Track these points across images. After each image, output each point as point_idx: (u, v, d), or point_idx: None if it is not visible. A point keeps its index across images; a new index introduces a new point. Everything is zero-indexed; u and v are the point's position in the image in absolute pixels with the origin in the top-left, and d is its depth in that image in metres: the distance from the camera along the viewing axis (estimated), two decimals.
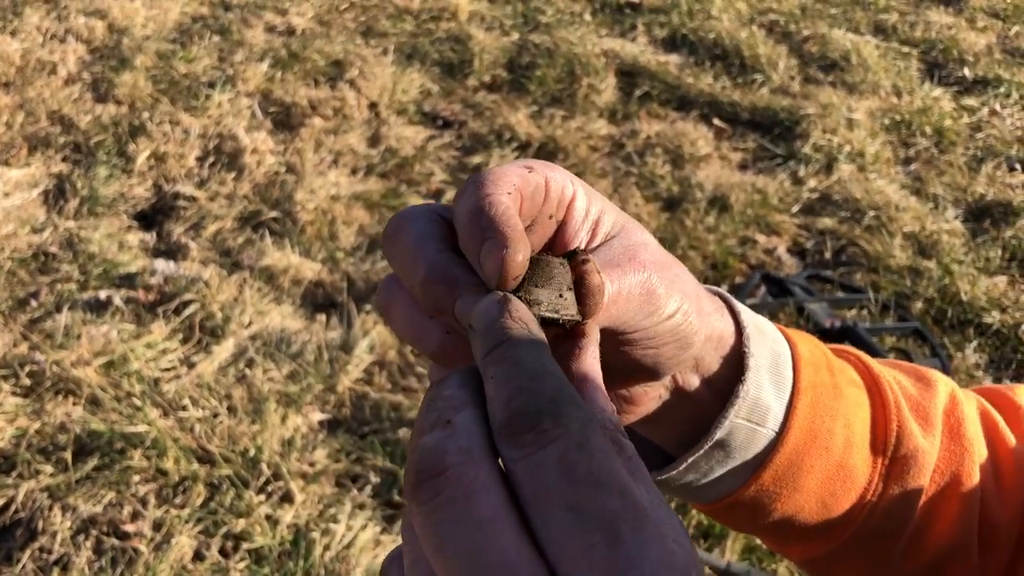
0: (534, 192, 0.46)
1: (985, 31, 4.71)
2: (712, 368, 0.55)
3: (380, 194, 3.36)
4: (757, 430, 0.56)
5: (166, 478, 2.23)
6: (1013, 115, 4.04)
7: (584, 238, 0.49)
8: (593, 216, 0.49)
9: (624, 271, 0.47)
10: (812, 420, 0.57)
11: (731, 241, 3.20)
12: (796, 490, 0.58)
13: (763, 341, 0.57)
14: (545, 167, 0.48)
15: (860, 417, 0.59)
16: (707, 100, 3.98)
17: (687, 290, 0.50)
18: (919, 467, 0.60)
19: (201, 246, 3.05)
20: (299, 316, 2.75)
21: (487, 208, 0.43)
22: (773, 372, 0.56)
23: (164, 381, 2.49)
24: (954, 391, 0.65)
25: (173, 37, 4.29)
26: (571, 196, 0.49)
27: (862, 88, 4.12)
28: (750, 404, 0.55)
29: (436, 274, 0.43)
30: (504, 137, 3.69)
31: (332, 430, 2.41)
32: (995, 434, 0.65)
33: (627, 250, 0.48)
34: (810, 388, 0.57)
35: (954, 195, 3.52)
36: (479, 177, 0.45)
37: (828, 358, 0.60)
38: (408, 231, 0.45)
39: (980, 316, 2.94)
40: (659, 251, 0.50)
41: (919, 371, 0.66)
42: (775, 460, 0.56)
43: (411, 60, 4.21)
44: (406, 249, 0.45)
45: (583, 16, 4.67)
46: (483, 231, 0.42)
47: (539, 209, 0.47)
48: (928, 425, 0.61)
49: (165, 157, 3.45)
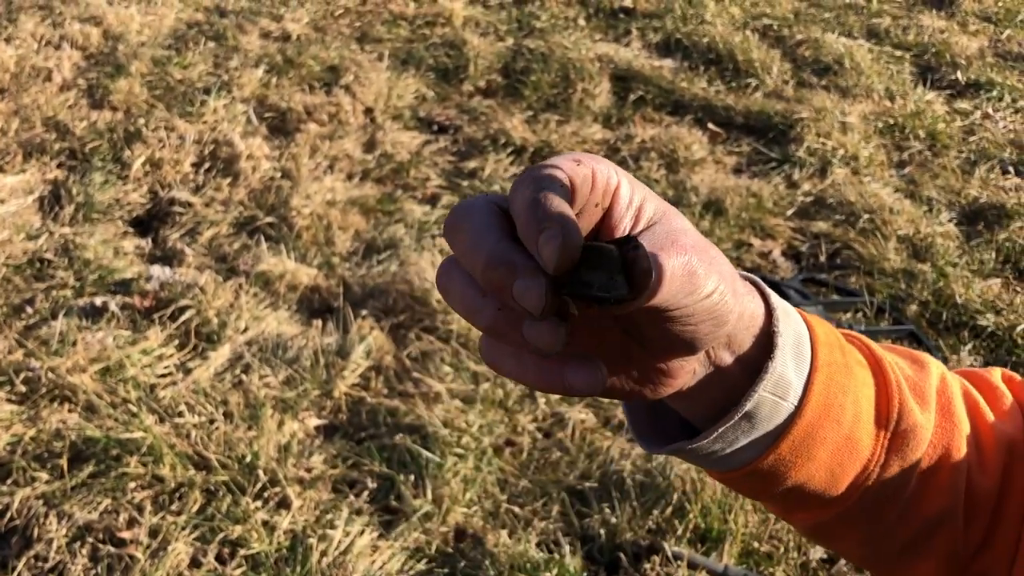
0: (582, 183, 0.51)
1: (977, 35, 4.73)
2: (744, 346, 0.60)
3: (376, 199, 3.36)
4: (780, 403, 0.61)
5: (162, 484, 2.22)
6: (1005, 118, 4.06)
7: (628, 224, 0.54)
8: (636, 204, 0.54)
9: (668, 254, 0.51)
10: (826, 395, 0.62)
11: (726, 245, 3.21)
12: (809, 460, 0.63)
13: (788, 322, 0.62)
14: (592, 159, 0.53)
15: (866, 395, 0.65)
16: (701, 104, 3.99)
17: (724, 272, 0.55)
18: (917, 441, 0.65)
19: (197, 252, 3.05)
20: (295, 322, 2.75)
21: (543, 200, 0.48)
22: (795, 351, 0.62)
23: (160, 387, 2.49)
24: (943, 372, 0.72)
25: (168, 43, 4.29)
26: (616, 185, 0.53)
27: (855, 92, 4.14)
28: (776, 379, 0.60)
29: (497, 260, 0.48)
30: (499, 142, 3.70)
31: (329, 436, 2.41)
32: (976, 411, 0.71)
33: (669, 235, 0.53)
34: (825, 366, 0.62)
35: (948, 198, 3.53)
36: (534, 171, 0.50)
37: (840, 340, 0.66)
38: (470, 221, 0.50)
39: (975, 318, 2.95)
40: (697, 236, 0.55)
41: (913, 354, 0.72)
42: (793, 431, 0.62)
43: (406, 65, 4.21)
44: (468, 238, 0.50)
45: (577, 21, 4.68)
46: (540, 222, 0.47)
47: (587, 198, 0.52)
48: (925, 403, 0.67)
49: (161, 163, 3.45)
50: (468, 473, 2.29)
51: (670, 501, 2.24)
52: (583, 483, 2.29)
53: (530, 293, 0.46)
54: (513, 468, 2.34)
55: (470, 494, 2.26)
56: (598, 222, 0.54)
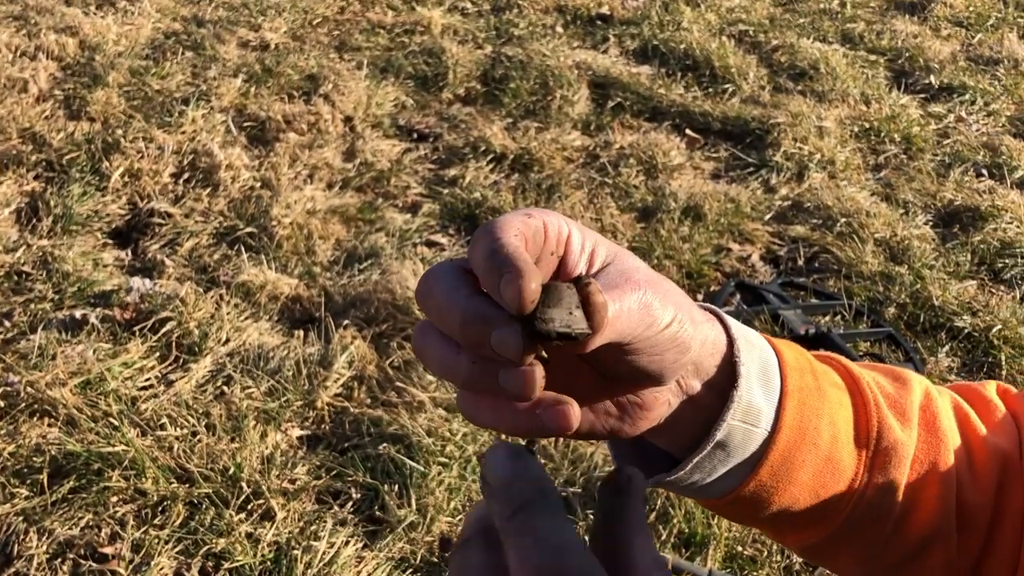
0: (535, 234, 0.54)
1: (949, 39, 4.79)
2: (710, 372, 0.62)
3: (356, 208, 3.36)
4: (752, 430, 0.63)
5: (144, 498, 2.21)
6: (978, 121, 4.11)
7: (583, 268, 0.57)
8: (588, 249, 0.57)
9: (623, 291, 0.54)
10: (800, 419, 0.64)
11: (705, 250, 3.24)
12: (791, 483, 0.64)
13: (751, 350, 0.64)
14: (541, 212, 0.56)
15: (843, 416, 0.66)
16: (679, 111, 4.02)
17: (679, 301, 0.57)
18: (899, 458, 0.67)
19: (177, 263, 3.04)
20: (277, 332, 2.74)
21: (500, 249, 0.50)
22: (762, 378, 0.63)
23: (141, 400, 2.48)
24: (928, 388, 0.72)
25: (146, 53, 4.27)
26: (567, 234, 0.56)
27: (831, 96, 4.18)
28: (744, 407, 0.62)
29: (471, 315, 0.50)
30: (479, 149, 3.71)
31: (312, 446, 2.41)
32: (967, 425, 0.72)
33: (622, 274, 0.56)
34: (796, 391, 0.64)
35: (923, 201, 3.57)
36: (488, 226, 0.53)
37: (812, 364, 0.67)
38: (439, 285, 0.53)
39: (951, 320, 2.98)
40: (650, 272, 0.58)
41: (895, 371, 0.73)
42: (770, 457, 0.63)
43: (385, 74, 4.22)
44: (440, 300, 0.52)
45: (555, 28, 4.70)
46: (499, 268, 0.49)
47: (541, 248, 0.55)
48: (905, 420, 0.68)
49: (139, 174, 3.43)
50: (452, 482, 2.30)
51: (653, 506, 2.25)
52: (567, 489, 2.30)
53: (506, 341, 0.48)
54: None
55: (455, 503, 2.26)
56: (555, 270, 0.57)
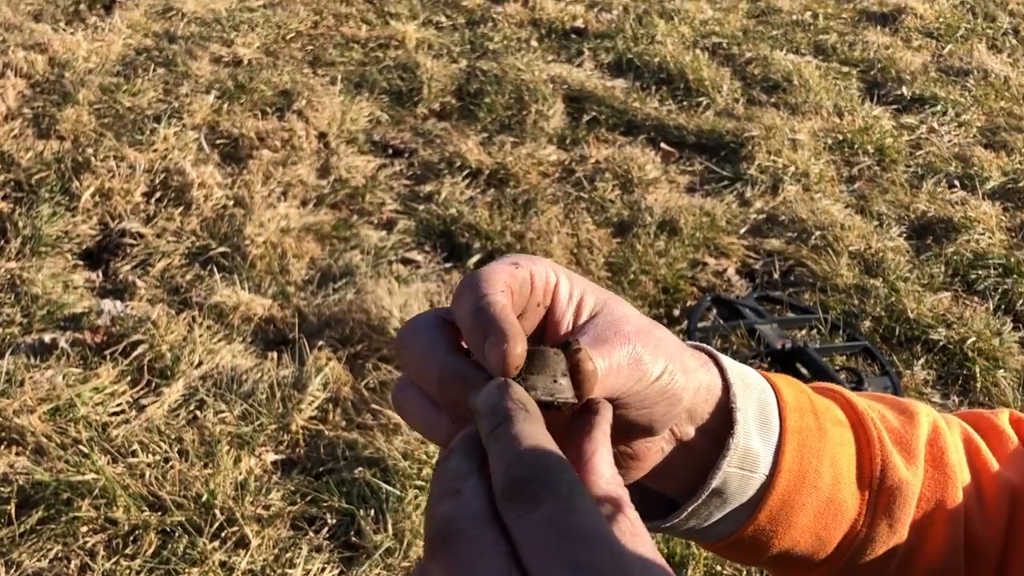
0: (522, 286, 0.53)
1: (920, 50, 4.84)
2: (704, 418, 0.60)
3: (331, 225, 3.34)
4: (749, 476, 0.61)
5: (116, 527, 2.18)
6: (950, 132, 4.15)
7: (570, 319, 0.55)
8: (576, 298, 0.56)
9: (612, 346, 0.53)
10: (800, 462, 0.62)
11: (681, 264, 3.24)
12: (791, 527, 0.63)
13: (748, 392, 0.62)
14: (529, 261, 0.55)
15: (846, 454, 0.65)
16: (654, 124, 4.02)
17: (670, 351, 0.56)
18: (904, 497, 0.65)
19: (149, 284, 3.00)
20: (250, 354, 2.71)
21: (486, 308, 0.49)
22: (760, 420, 0.62)
23: (112, 426, 2.44)
24: (936, 421, 0.70)
25: (117, 70, 4.23)
26: (555, 283, 0.55)
27: (804, 109, 4.21)
28: (740, 453, 0.61)
29: (449, 375, 0.49)
30: (455, 165, 3.69)
31: (286, 471, 2.38)
32: (977, 458, 0.70)
33: (611, 325, 0.54)
34: (796, 432, 0.62)
35: (897, 212, 3.60)
36: (474, 279, 0.51)
37: (812, 402, 0.65)
38: (418, 339, 0.52)
39: (927, 333, 3.00)
40: (640, 320, 0.56)
41: (902, 404, 0.71)
42: (768, 502, 0.62)
43: (360, 89, 4.20)
44: (419, 356, 0.51)
45: (530, 42, 4.70)
46: (484, 328, 0.48)
47: (528, 300, 0.54)
48: (911, 456, 0.66)
49: (110, 193, 3.39)
50: None
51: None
52: None
53: None
54: None
55: None
56: (542, 320, 0.55)
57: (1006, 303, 3.17)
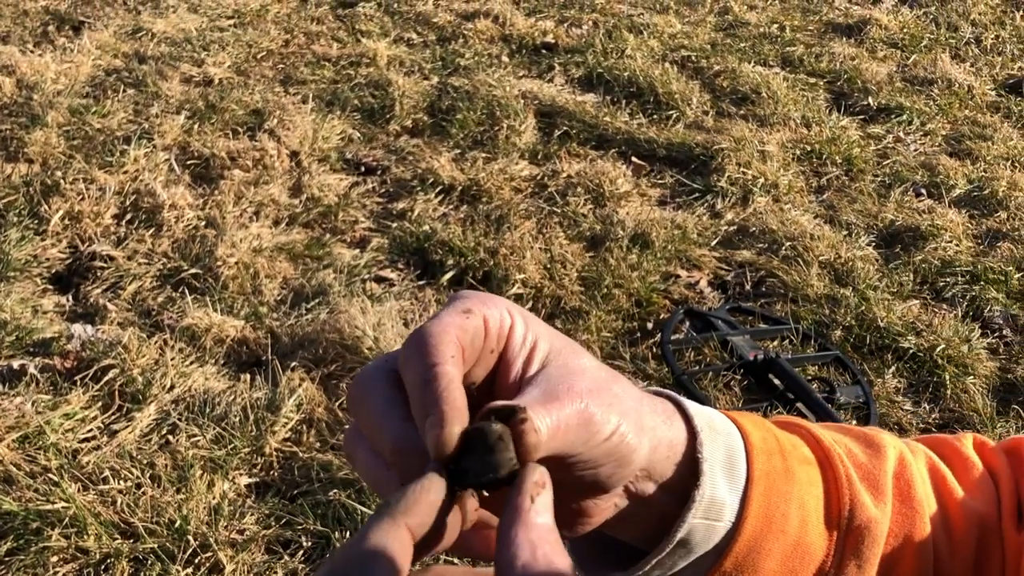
0: (474, 338, 0.51)
1: (885, 60, 4.90)
2: (666, 474, 0.58)
3: (304, 244, 3.33)
4: (715, 525, 0.59)
5: (87, 557, 2.15)
6: (916, 141, 4.21)
7: (521, 364, 0.54)
8: (530, 342, 0.54)
9: (562, 404, 0.50)
10: (767, 507, 0.60)
11: (654, 277, 3.26)
12: (757, 572, 0.61)
13: (716, 439, 0.60)
14: (481, 305, 0.53)
15: (813, 495, 0.63)
16: (624, 138, 4.05)
17: (625, 408, 0.54)
18: (873, 537, 0.63)
19: (120, 307, 2.98)
20: (223, 376, 2.70)
21: (432, 380, 0.48)
22: (727, 467, 0.60)
23: (83, 453, 2.42)
24: (902, 453, 0.69)
25: (86, 92, 4.21)
26: (509, 326, 0.54)
27: (773, 120, 4.25)
28: (706, 504, 0.59)
29: (401, 446, 0.48)
30: (428, 181, 3.70)
31: (261, 494, 2.37)
32: (943, 488, 0.69)
33: (563, 379, 0.52)
34: (763, 476, 0.60)
35: (866, 222, 3.64)
36: (422, 340, 0.49)
37: (779, 442, 0.64)
38: (371, 398, 0.50)
39: (897, 341, 3.03)
40: (596, 373, 0.54)
41: (867, 436, 0.69)
42: (734, 548, 0.60)
43: (331, 107, 4.20)
44: (371, 418, 0.50)
45: (501, 58, 4.72)
46: (426, 406, 0.47)
47: (480, 351, 0.52)
48: (879, 493, 0.65)
49: (80, 216, 3.37)
50: None
51: None
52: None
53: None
54: None
55: None
56: (494, 365, 0.54)
57: (974, 310, 3.21)
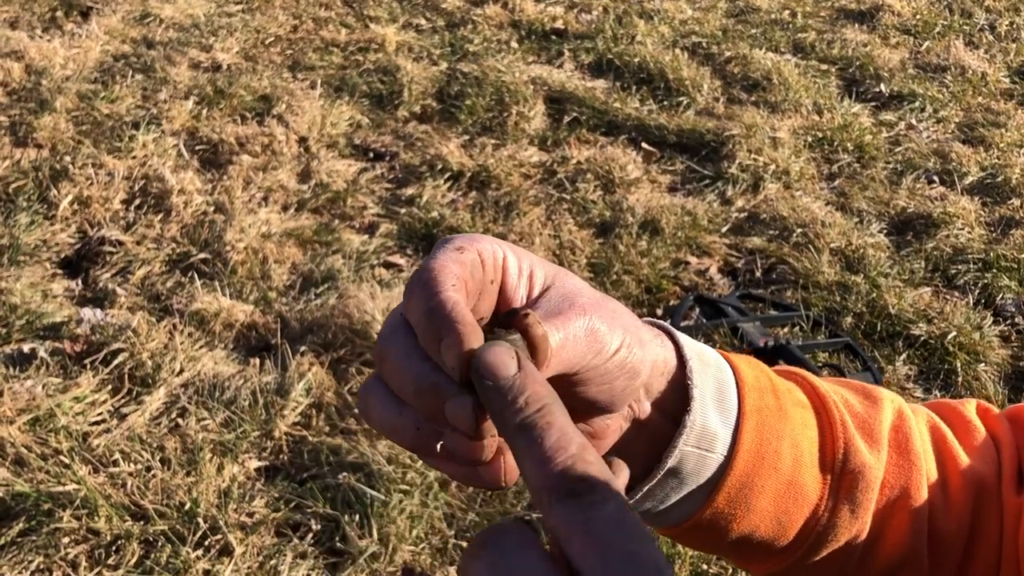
0: (473, 270, 0.51)
1: (898, 47, 4.86)
2: (659, 393, 0.58)
3: (312, 230, 3.32)
4: (707, 456, 0.59)
5: (98, 538, 2.16)
6: (928, 128, 4.18)
7: (523, 293, 0.54)
8: (526, 272, 0.54)
9: (567, 318, 0.51)
10: (759, 443, 0.60)
11: (664, 264, 3.24)
12: (750, 510, 0.61)
13: (706, 370, 0.60)
14: (472, 241, 0.53)
15: (807, 436, 0.62)
16: (635, 124, 4.03)
17: (626, 323, 0.54)
18: (867, 482, 0.63)
19: (129, 292, 2.98)
20: (232, 361, 2.69)
21: (437, 308, 0.47)
22: (718, 399, 0.60)
23: (93, 436, 2.42)
24: (901, 407, 0.68)
25: (94, 77, 4.20)
26: (503, 258, 0.54)
27: (784, 107, 4.22)
28: (698, 432, 0.58)
29: (424, 384, 0.47)
30: (436, 168, 3.69)
31: (270, 478, 2.37)
32: (944, 447, 0.68)
33: (565, 298, 0.53)
34: (755, 412, 0.60)
35: (877, 209, 3.62)
36: (423, 277, 0.49)
37: (773, 382, 0.63)
38: (393, 347, 0.49)
39: (908, 328, 3.01)
40: (593, 293, 0.55)
41: (866, 389, 0.69)
42: (726, 483, 0.60)
43: (340, 93, 4.18)
44: (395, 367, 0.49)
45: (510, 44, 4.70)
46: (438, 331, 0.46)
47: (481, 282, 0.52)
48: (874, 441, 0.64)
49: (89, 201, 3.37)
50: (414, 510, 2.27)
51: None
52: (531, 513, 2.28)
53: (459, 416, 0.46)
54: (460, 502, 2.32)
55: (417, 531, 2.23)
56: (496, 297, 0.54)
57: (986, 297, 3.19)
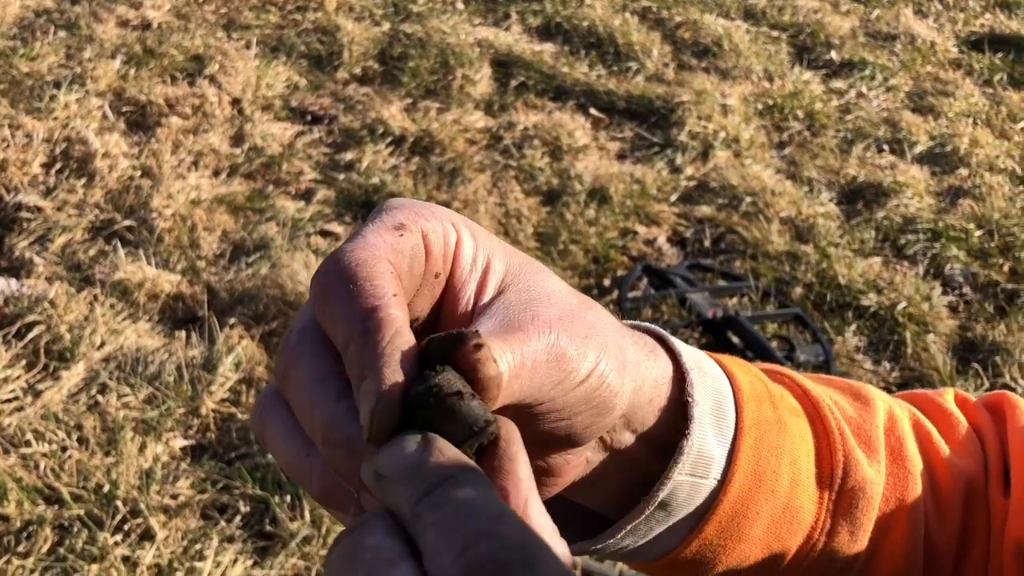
0: (412, 261, 0.40)
1: (849, 15, 4.81)
2: (647, 422, 0.48)
3: (245, 196, 3.17)
4: (700, 483, 0.50)
5: (7, 524, 2.02)
6: (878, 96, 4.14)
7: (472, 289, 0.42)
8: (481, 263, 0.43)
9: (526, 336, 0.39)
10: (756, 462, 0.51)
11: (612, 233, 3.16)
12: (741, 540, 0.52)
13: (704, 383, 0.50)
14: (418, 217, 0.40)
15: (804, 451, 0.54)
16: (583, 90, 3.92)
17: (604, 341, 0.43)
18: (867, 499, 0.55)
19: (48, 261, 2.81)
20: (157, 334, 2.55)
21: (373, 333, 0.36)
22: (716, 416, 0.50)
23: (5, 414, 2.27)
24: (891, 408, 0.60)
25: (13, 33, 3.96)
26: (455, 242, 0.42)
27: (735, 73, 4.15)
28: (694, 458, 0.49)
29: (335, 436, 0.37)
30: (377, 132, 3.55)
31: (196, 457, 2.24)
32: (929, 446, 0.61)
33: (527, 306, 0.41)
34: (753, 426, 0.51)
35: (827, 178, 3.57)
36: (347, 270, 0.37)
37: (768, 388, 0.54)
38: (302, 371, 0.38)
39: (858, 299, 2.97)
40: (566, 299, 0.42)
41: (855, 388, 0.61)
42: (718, 511, 0.51)
43: (276, 53, 4.00)
44: (302, 398, 0.38)
45: (455, 5, 4.55)
46: (362, 366, 0.36)
47: (421, 276, 0.41)
48: (872, 451, 0.57)
49: (5, 165, 3.17)
50: None
51: None
52: None
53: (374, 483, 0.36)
54: None
55: None
56: (440, 294, 0.42)
57: (935, 268, 3.16)
